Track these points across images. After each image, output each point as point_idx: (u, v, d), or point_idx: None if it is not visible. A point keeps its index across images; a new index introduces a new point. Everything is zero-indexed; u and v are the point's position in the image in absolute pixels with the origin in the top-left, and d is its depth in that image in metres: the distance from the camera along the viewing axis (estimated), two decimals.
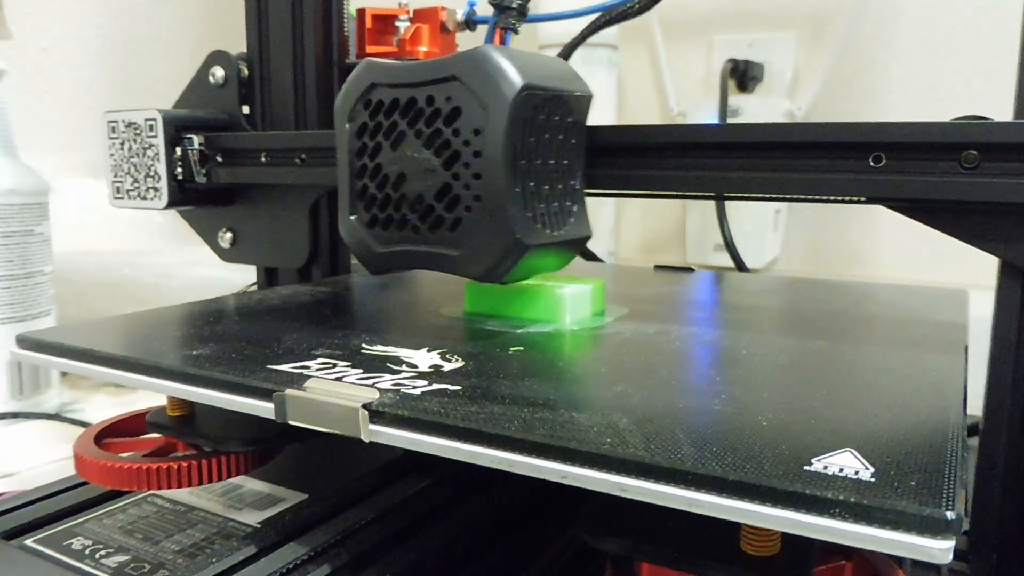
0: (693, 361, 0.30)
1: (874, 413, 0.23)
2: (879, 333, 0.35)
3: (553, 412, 0.22)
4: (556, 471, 0.20)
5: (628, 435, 0.21)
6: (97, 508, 0.34)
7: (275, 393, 0.25)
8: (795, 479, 0.18)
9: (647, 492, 0.19)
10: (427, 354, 0.29)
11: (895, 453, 0.19)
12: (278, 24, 0.49)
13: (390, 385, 0.25)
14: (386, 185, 0.33)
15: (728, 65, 0.73)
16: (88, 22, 0.97)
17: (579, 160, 0.34)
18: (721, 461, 0.19)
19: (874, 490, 0.17)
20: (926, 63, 0.69)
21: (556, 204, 0.33)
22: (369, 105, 0.33)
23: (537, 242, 0.31)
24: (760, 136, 0.32)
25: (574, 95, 0.33)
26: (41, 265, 0.61)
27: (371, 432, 0.23)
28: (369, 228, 0.34)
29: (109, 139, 0.49)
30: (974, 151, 0.28)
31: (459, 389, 0.25)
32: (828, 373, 0.28)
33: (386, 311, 0.40)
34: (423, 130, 0.31)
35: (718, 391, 0.25)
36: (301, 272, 0.51)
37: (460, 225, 0.31)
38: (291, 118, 0.50)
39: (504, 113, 0.29)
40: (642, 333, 0.33)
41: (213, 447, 0.32)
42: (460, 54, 0.30)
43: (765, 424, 0.22)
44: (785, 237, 0.77)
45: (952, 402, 0.24)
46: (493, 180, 0.30)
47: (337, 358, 0.28)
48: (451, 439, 0.22)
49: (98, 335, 0.33)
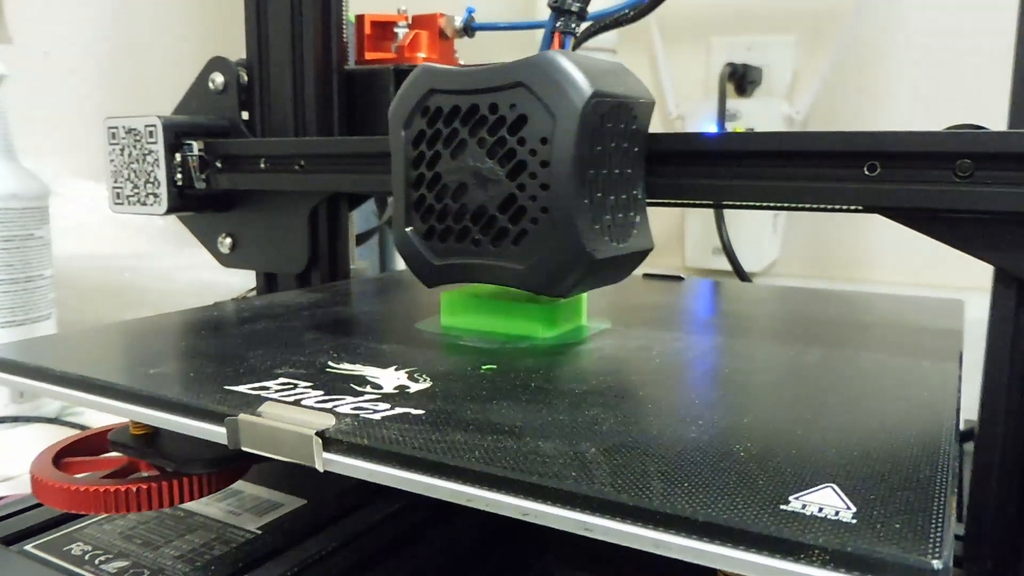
0: (673, 381, 0.29)
1: (860, 441, 0.22)
2: (870, 348, 0.34)
3: (518, 441, 0.21)
4: (516, 507, 0.19)
5: (595, 468, 0.19)
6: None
7: (227, 418, 0.24)
8: (770, 519, 0.16)
9: (612, 532, 0.18)
10: (394, 373, 0.28)
11: (880, 488, 0.18)
12: (278, 30, 0.49)
13: (349, 409, 0.24)
14: (445, 195, 0.32)
15: (727, 69, 0.73)
16: (88, 26, 0.97)
17: (641, 169, 0.33)
18: (692, 498, 0.18)
19: (855, 533, 0.16)
20: (924, 66, 0.69)
21: (621, 215, 0.32)
22: (427, 112, 0.32)
23: (605, 255, 0.30)
24: (756, 145, 0.32)
25: (639, 101, 0.32)
26: (41, 269, 0.61)
27: (326, 461, 0.22)
28: (426, 240, 0.33)
29: (109, 145, 0.49)
30: (968, 160, 0.28)
31: (422, 414, 0.23)
32: (815, 393, 0.27)
33: (362, 324, 0.39)
34: (486, 138, 0.30)
35: (696, 416, 0.24)
36: (300, 277, 0.51)
37: (525, 237, 0.30)
38: (290, 124, 0.50)
39: (574, 121, 0.28)
40: (622, 349, 0.32)
41: (175, 468, 0.30)
42: (525, 60, 0.29)
43: (743, 455, 0.20)
44: (784, 241, 0.77)
45: (944, 428, 0.23)
46: (561, 191, 0.29)
47: (300, 378, 0.27)
48: (408, 470, 0.21)
49: (61, 351, 0.32)
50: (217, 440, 0.24)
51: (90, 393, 0.27)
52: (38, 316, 0.61)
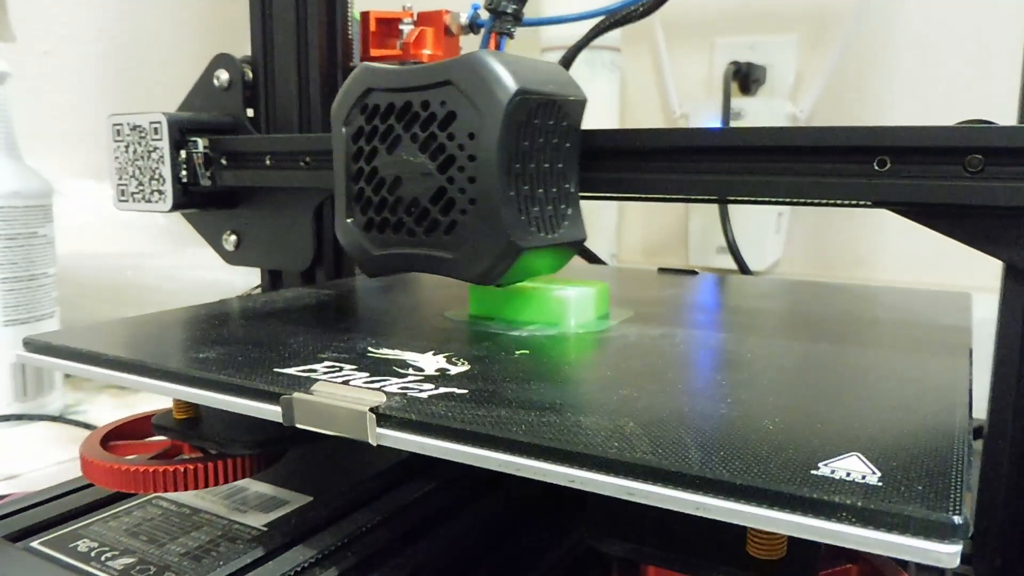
0: (698, 364, 0.30)
1: (879, 417, 0.23)
2: (882, 336, 0.35)
3: (559, 416, 0.22)
4: (564, 475, 0.20)
5: (635, 439, 0.21)
6: (103, 510, 0.34)
7: (282, 396, 0.25)
8: (802, 483, 0.18)
9: (655, 496, 0.19)
10: (433, 357, 0.29)
11: (901, 457, 0.19)
12: (282, 27, 0.49)
13: (397, 389, 0.25)
14: (382, 188, 0.33)
15: (730, 67, 0.73)
16: (91, 24, 0.97)
17: (573, 164, 0.35)
18: (728, 465, 0.19)
19: (881, 494, 0.17)
20: (928, 65, 0.69)
21: (551, 207, 0.33)
22: (365, 109, 0.33)
23: (531, 244, 0.32)
24: (763, 140, 0.32)
25: (568, 99, 0.33)
26: (45, 267, 0.61)
27: (379, 436, 0.23)
28: (365, 231, 0.34)
29: (114, 142, 0.49)
30: (978, 155, 0.28)
31: (465, 393, 0.25)
32: (833, 377, 0.28)
33: (390, 314, 0.40)
34: (418, 134, 0.32)
35: (723, 395, 0.25)
36: (305, 275, 0.51)
37: (455, 228, 0.31)
38: (295, 121, 0.50)
39: (499, 117, 0.30)
40: (646, 336, 0.33)
41: (219, 450, 0.32)
42: (455, 59, 0.31)
43: (771, 428, 0.22)
44: (788, 239, 0.77)
45: (957, 405, 0.24)
46: (488, 183, 0.30)
47: (343, 361, 0.28)
48: (459, 443, 0.22)
49: (104, 338, 0.33)
50: (272, 419, 0.25)
51: (146, 376, 0.29)
52: (41, 314, 0.61)
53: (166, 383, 0.28)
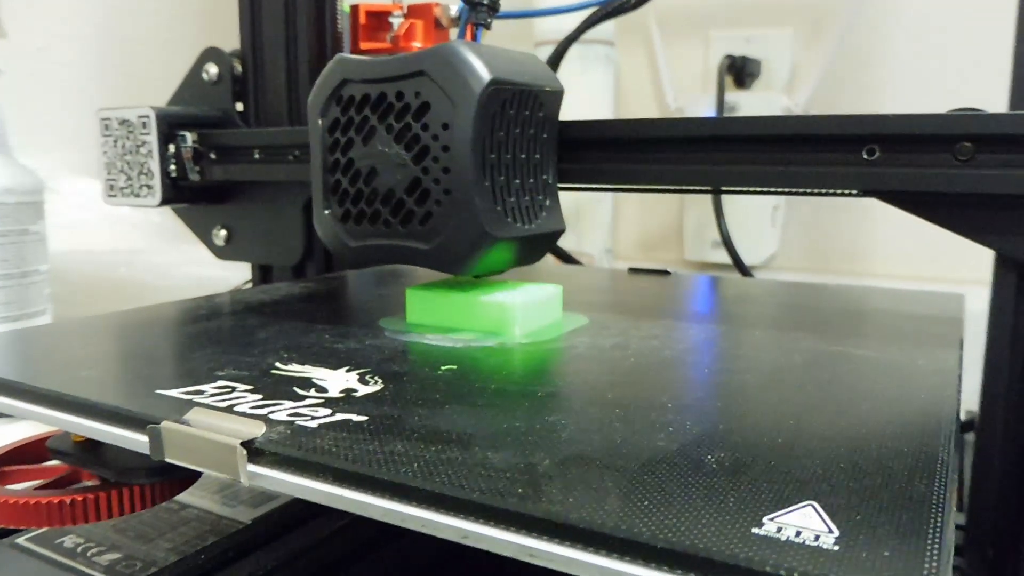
0: (647, 383, 0.26)
1: (849, 448, 0.20)
2: (863, 345, 0.31)
3: (465, 451, 0.19)
4: (454, 529, 0.17)
5: (545, 483, 0.17)
6: None
7: (149, 425, 0.22)
8: (739, 546, 0.15)
9: (558, 559, 0.16)
10: (344, 375, 0.26)
11: (868, 506, 0.16)
12: (271, 21, 0.49)
13: (285, 415, 0.22)
14: (358, 180, 0.33)
15: (725, 61, 0.72)
16: (84, 21, 0.97)
17: (550, 154, 0.34)
18: (651, 519, 0.16)
19: (837, 562, 0.14)
20: (923, 59, 0.69)
21: (527, 198, 0.33)
22: (341, 100, 0.33)
23: (506, 235, 0.31)
24: (753, 129, 0.32)
25: (544, 90, 0.33)
26: (36, 264, 0.61)
27: (251, 474, 0.20)
28: (342, 223, 0.34)
29: (103, 136, 0.48)
30: (968, 143, 0.28)
31: (364, 420, 0.22)
32: (802, 395, 0.24)
33: (325, 321, 0.36)
34: (393, 125, 0.31)
35: (666, 422, 0.22)
36: (295, 270, 0.51)
37: (430, 219, 0.31)
38: (285, 115, 0.49)
39: (472, 107, 0.30)
40: (596, 348, 0.30)
41: (117, 478, 0.28)
42: (429, 49, 0.31)
43: (715, 466, 0.19)
44: (783, 233, 0.77)
45: (941, 433, 0.21)
46: (461, 174, 0.30)
47: (240, 380, 0.26)
48: (338, 485, 0.19)
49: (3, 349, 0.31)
50: (140, 450, 0.22)
51: (11, 398, 0.25)
52: (34, 311, 0.61)
53: (32, 406, 0.25)
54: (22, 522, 0.27)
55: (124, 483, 0.28)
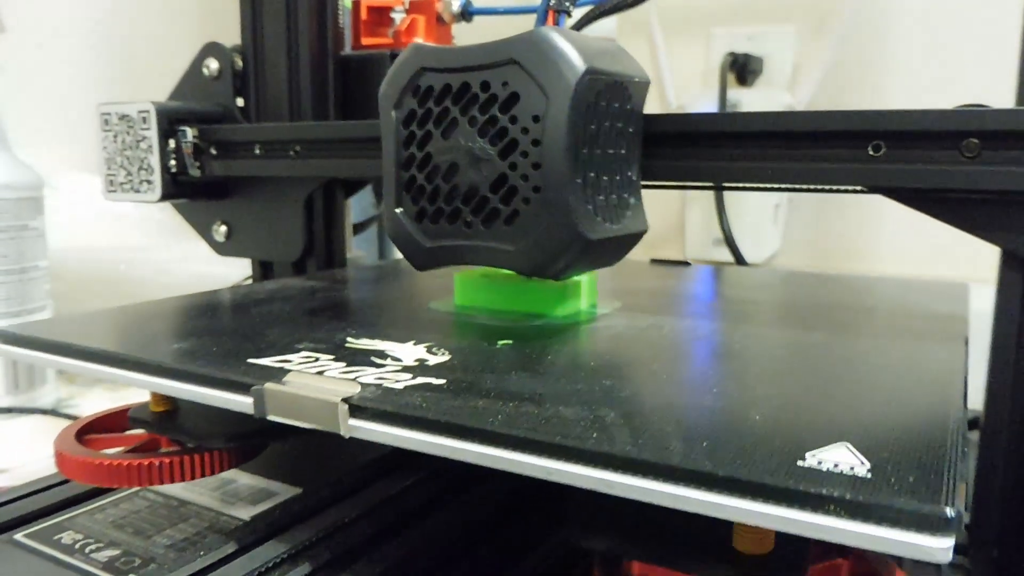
0: (685, 355, 0.29)
1: (871, 408, 0.22)
2: (877, 327, 0.34)
3: (538, 407, 0.22)
4: (540, 467, 0.19)
5: (615, 430, 0.20)
6: (88, 503, 0.34)
7: (253, 387, 0.24)
8: (788, 475, 0.17)
9: (634, 489, 0.18)
10: (413, 348, 0.28)
11: (892, 448, 0.19)
12: (272, 16, 0.49)
13: (372, 379, 0.24)
14: (436, 176, 0.31)
15: (727, 59, 0.72)
16: (83, 16, 0.97)
17: (637, 149, 0.32)
18: (711, 456, 0.18)
19: (870, 486, 0.16)
20: (926, 56, 0.69)
21: (615, 196, 0.31)
22: (418, 91, 0.31)
23: (598, 236, 0.30)
24: (758, 125, 0.31)
25: (634, 80, 0.31)
26: (36, 260, 0.61)
27: (351, 427, 0.22)
28: (416, 222, 0.32)
29: (102, 132, 0.48)
30: (975, 139, 0.28)
31: (443, 383, 0.24)
32: (824, 367, 0.27)
33: (375, 305, 0.39)
34: (477, 117, 0.30)
35: (710, 385, 0.24)
36: (296, 266, 0.51)
37: (517, 218, 0.29)
38: (285, 110, 0.49)
39: (567, 99, 0.28)
40: (634, 327, 0.33)
41: (195, 443, 0.31)
42: (518, 36, 0.29)
43: (758, 418, 0.21)
44: (785, 231, 0.76)
45: (952, 396, 0.23)
46: (554, 170, 0.28)
47: (320, 352, 0.28)
48: (432, 434, 0.21)
49: (81, 329, 0.33)
50: (244, 410, 0.25)
51: (119, 368, 0.28)
52: (33, 307, 0.61)
53: (138, 374, 0.27)
54: (112, 482, 0.30)
55: (201, 448, 0.31)
